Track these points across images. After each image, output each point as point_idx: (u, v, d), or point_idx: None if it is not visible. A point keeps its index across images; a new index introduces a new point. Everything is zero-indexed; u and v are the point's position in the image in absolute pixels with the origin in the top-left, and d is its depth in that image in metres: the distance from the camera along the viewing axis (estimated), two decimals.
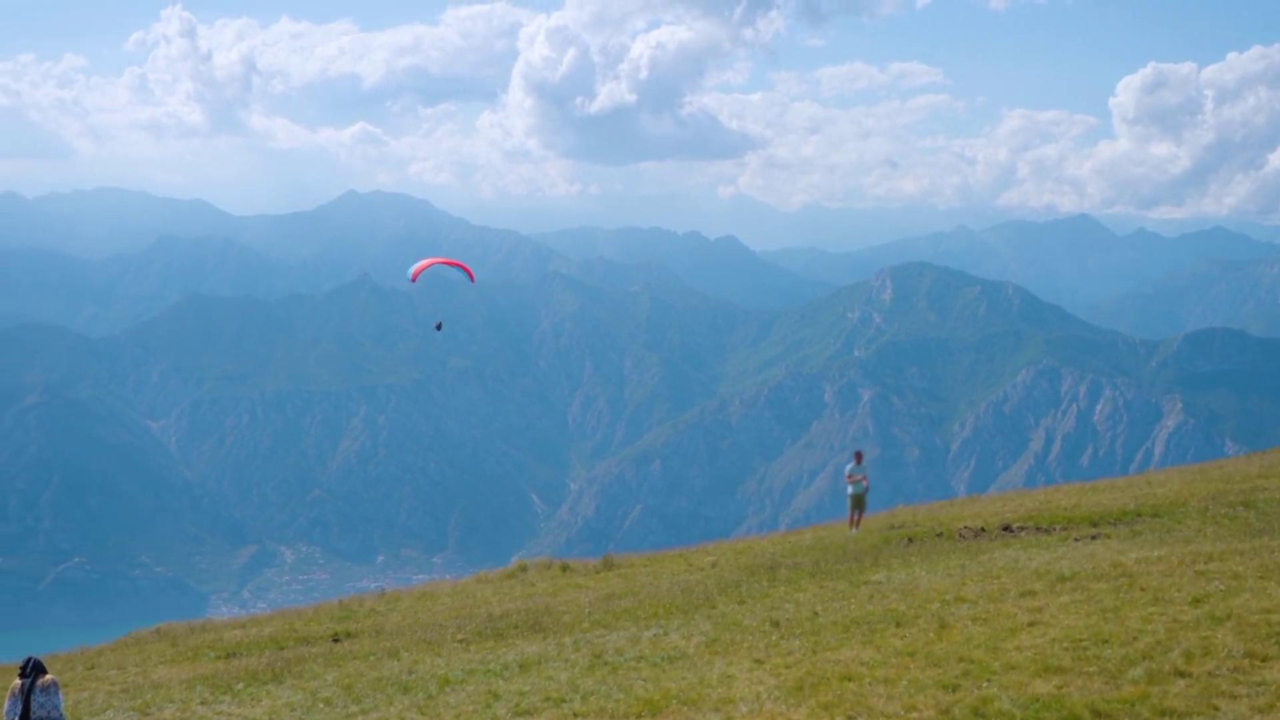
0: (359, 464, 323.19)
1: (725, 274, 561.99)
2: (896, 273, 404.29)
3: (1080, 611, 20.24)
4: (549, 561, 38.34)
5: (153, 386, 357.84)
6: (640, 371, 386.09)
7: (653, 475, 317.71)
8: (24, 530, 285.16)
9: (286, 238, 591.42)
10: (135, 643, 32.14)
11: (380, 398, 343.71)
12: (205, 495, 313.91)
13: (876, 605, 23.02)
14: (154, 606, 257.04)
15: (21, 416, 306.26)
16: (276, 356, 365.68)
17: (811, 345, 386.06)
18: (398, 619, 30.51)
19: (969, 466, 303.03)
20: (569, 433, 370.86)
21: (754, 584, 28.02)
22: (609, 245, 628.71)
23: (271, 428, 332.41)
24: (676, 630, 22.92)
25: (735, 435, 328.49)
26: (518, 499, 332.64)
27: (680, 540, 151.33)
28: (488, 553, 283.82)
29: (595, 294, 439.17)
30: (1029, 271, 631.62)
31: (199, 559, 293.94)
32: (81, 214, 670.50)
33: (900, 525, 37.74)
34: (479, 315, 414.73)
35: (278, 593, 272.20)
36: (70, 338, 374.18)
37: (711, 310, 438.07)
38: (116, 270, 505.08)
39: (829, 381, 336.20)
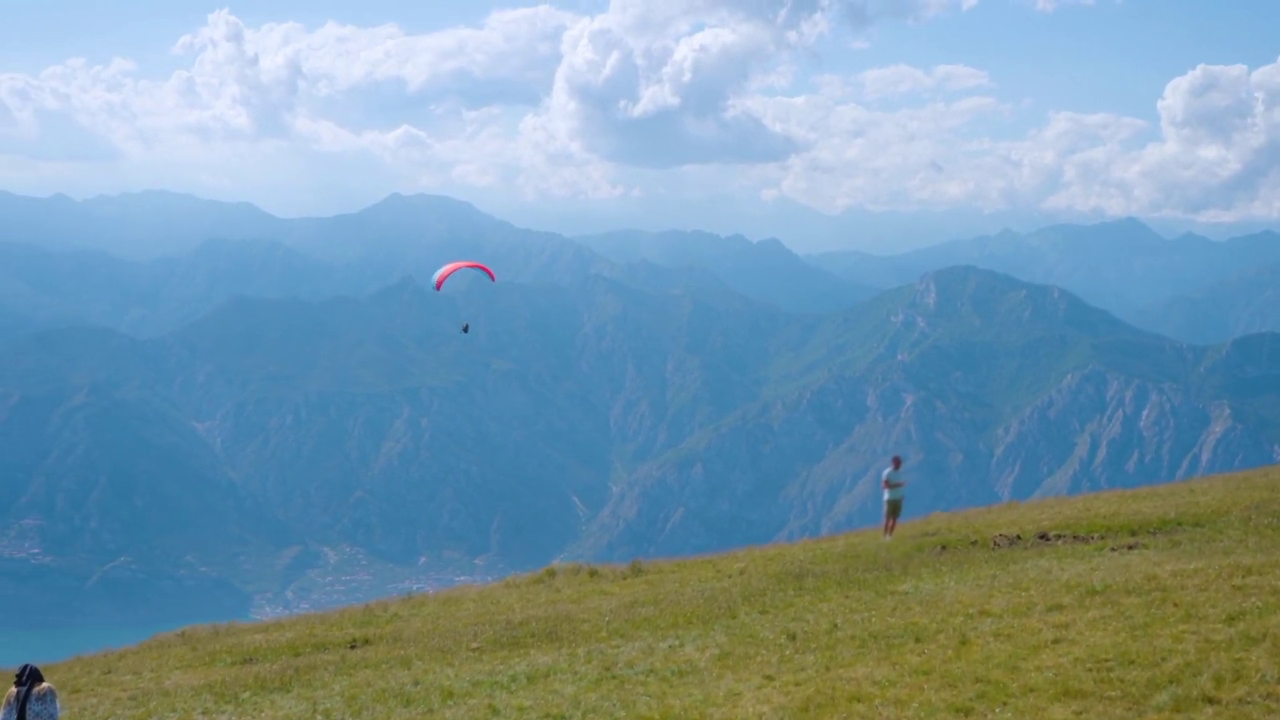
0: (401, 465, 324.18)
1: (768, 277, 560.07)
2: (941, 276, 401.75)
3: (1108, 628, 19.54)
4: (578, 566, 37.97)
5: (198, 388, 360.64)
6: (682, 375, 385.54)
7: (694, 478, 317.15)
8: (71, 529, 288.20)
9: (331, 240, 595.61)
10: (157, 646, 32.05)
11: (423, 400, 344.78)
12: (249, 496, 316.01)
13: (898, 618, 22.48)
14: (198, 606, 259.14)
15: (69, 417, 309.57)
16: (320, 358, 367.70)
17: (854, 349, 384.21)
18: (419, 625, 30.30)
19: (1013, 472, 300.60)
20: (611, 435, 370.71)
21: (779, 593, 27.59)
22: (652, 248, 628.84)
23: (315, 429, 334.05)
24: (693, 642, 22.55)
25: (777, 439, 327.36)
26: (559, 501, 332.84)
27: (722, 544, 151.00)
28: (529, 555, 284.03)
29: (638, 297, 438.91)
30: (1075, 275, 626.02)
31: (243, 559, 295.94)
32: (129, 216, 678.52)
33: (934, 532, 37.19)
34: (522, 318, 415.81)
35: (320, 593, 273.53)
36: (117, 339, 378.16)
37: (754, 313, 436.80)
38: (163, 272, 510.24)
39: (872, 385, 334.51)
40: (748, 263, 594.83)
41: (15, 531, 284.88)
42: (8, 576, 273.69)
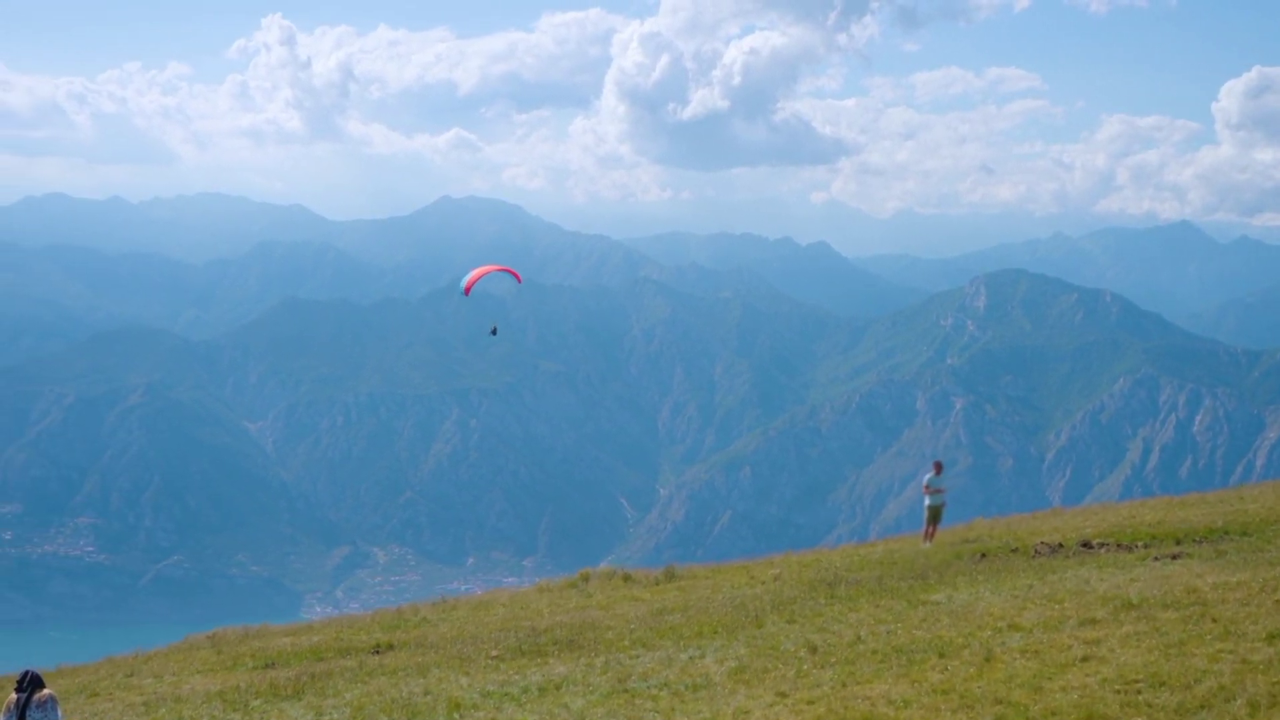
0: (450, 467, 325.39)
1: (817, 280, 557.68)
2: (991, 280, 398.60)
3: (1141, 645, 18.93)
4: (611, 571, 37.79)
5: (251, 388, 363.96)
6: (731, 378, 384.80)
7: (743, 481, 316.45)
8: (125, 528, 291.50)
9: (382, 243, 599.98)
10: (187, 648, 32.08)
11: (472, 401, 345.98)
12: (300, 496, 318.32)
13: (925, 631, 22.00)
14: (250, 605, 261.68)
15: (124, 416, 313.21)
16: (371, 360, 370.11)
17: (903, 352, 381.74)
18: (445, 630, 30.16)
19: (1064, 477, 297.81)
20: (659, 438, 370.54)
21: (809, 601, 27.24)
22: (700, 251, 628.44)
23: (365, 430, 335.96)
24: (714, 653, 22.21)
25: (826, 442, 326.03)
26: (607, 504, 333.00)
27: (769, 548, 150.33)
28: (577, 557, 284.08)
29: (686, 300, 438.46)
30: (1128, 279, 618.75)
31: (294, 559, 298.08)
32: (184, 219, 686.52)
33: (975, 539, 36.64)
34: (570, 320, 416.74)
35: (370, 593, 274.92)
36: (171, 339, 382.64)
37: (802, 317, 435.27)
38: (217, 274, 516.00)
39: (921, 389, 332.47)
40: (796, 266, 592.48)
41: (71, 529, 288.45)
42: (63, 574, 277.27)
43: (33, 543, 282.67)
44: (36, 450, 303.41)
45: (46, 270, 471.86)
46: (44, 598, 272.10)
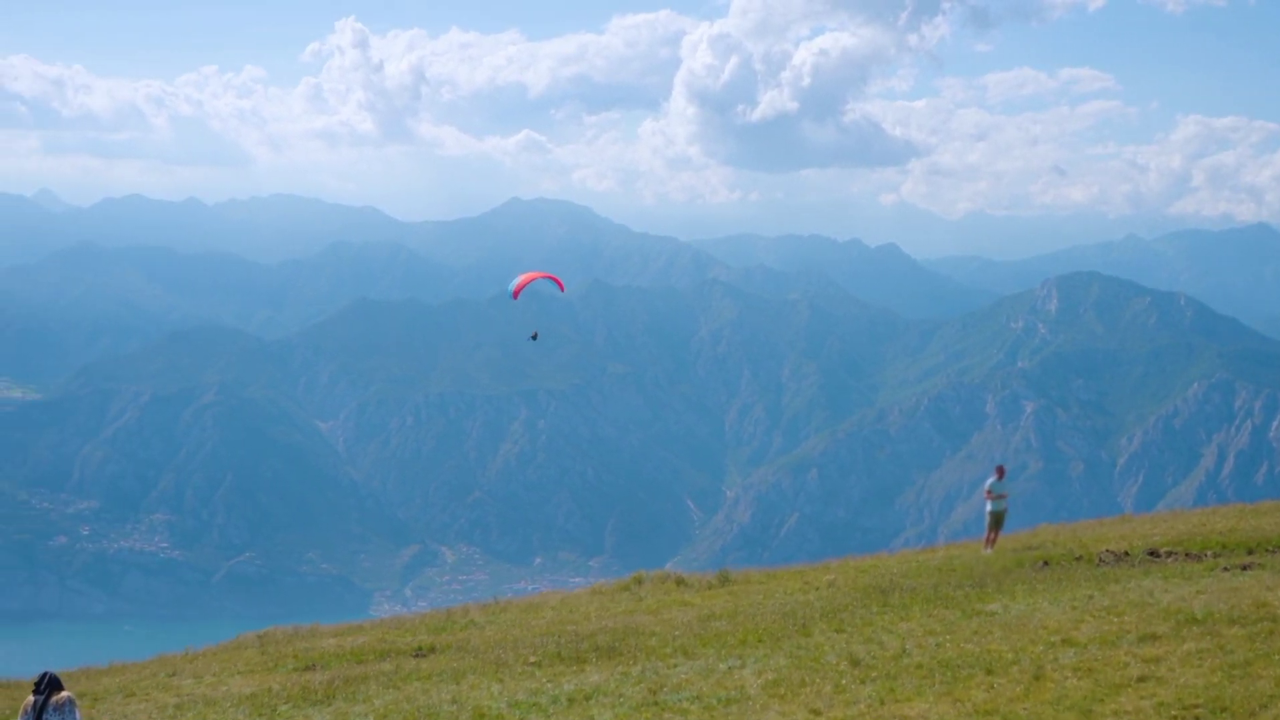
0: (518, 467, 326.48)
1: (886, 282, 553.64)
2: (1063, 282, 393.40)
3: (1203, 665, 17.96)
4: (665, 574, 37.32)
5: (322, 388, 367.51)
6: (798, 380, 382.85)
7: (810, 484, 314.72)
8: (199, 525, 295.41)
9: (452, 244, 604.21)
10: (235, 647, 32.11)
11: (540, 402, 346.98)
12: (370, 495, 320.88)
13: (975, 644, 21.20)
14: (320, 603, 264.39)
15: (199, 415, 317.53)
16: (440, 360, 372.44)
17: (973, 355, 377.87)
18: (491, 633, 29.94)
19: (1136, 482, 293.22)
20: (726, 440, 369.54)
21: (860, 609, 26.65)
22: (769, 253, 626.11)
23: (434, 430, 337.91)
24: (754, 663, 21.66)
25: (894, 445, 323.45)
26: (674, 505, 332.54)
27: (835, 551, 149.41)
28: (644, 558, 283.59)
29: (754, 301, 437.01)
30: (1203, 282, 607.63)
31: (363, 557, 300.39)
32: (258, 220, 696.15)
33: (1038, 546, 35.89)
34: (638, 322, 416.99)
35: (438, 592, 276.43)
36: (245, 339, 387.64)
37: (871, 319, 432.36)
38: (290, 274, 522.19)
39: (991, 392, 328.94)
40: (865, 267, 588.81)
41: (146, 526, 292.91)
42: (138, 569, 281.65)
43: (109, 538, 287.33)
44: (113, 447, 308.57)
45: (124, 271, 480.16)
46: (120, 593, 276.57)
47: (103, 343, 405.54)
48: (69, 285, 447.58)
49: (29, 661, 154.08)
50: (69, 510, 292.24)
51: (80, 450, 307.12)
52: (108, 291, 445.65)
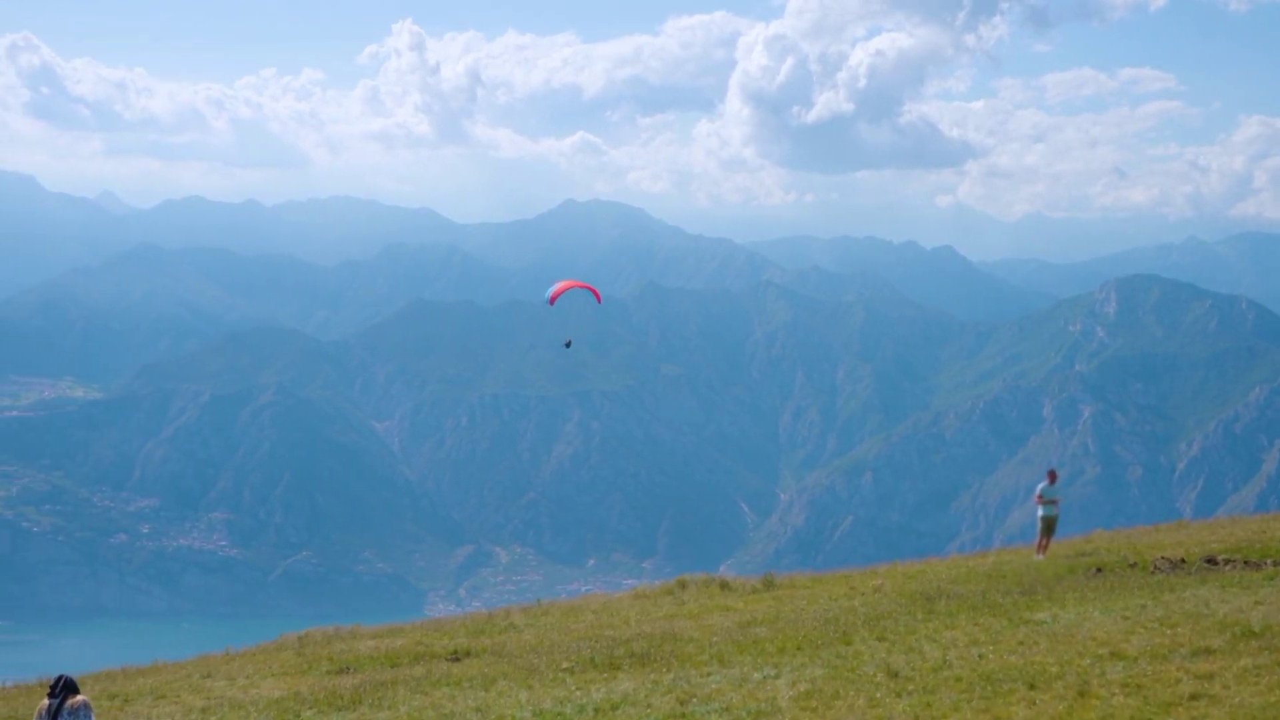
0: (572, 468, 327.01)
1: (942, 284, 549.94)
2: (1122, 285, 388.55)
3: (1260, 683, 17.01)
4: (709, 578, 36.96)
5: (378, 388, 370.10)
6: (853, 382, 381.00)
7: (864, 487, 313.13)
8: (257, 524, 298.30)
9: (507, 245, 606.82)
10: (274, 649, 32.11)
11: (594, 403, 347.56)
12: (425, 495, 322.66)
13: (1019, 656, 20.49)
14: (375, 602, 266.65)
15: (257, 414, 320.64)
16: (495, 361, 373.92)
17: (1030, 359, 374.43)
18: (529, 637, 29.69)
19: (1196, 488, 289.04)
20: (780, 442, 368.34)
21: (905, 617, 26.14)
22: (823, 254, 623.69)
23: (489, 430, 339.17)
24: (789, 673, 21.07)
25: (949, 449, 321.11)
26: (727, 507, 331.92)
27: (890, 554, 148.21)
28: (697, 560, 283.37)
29: (809, 303, 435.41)
30: (1266, 286, 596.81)
31: (418, 557, 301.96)
32: (316, 221, 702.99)
33: (1092, 552, 35.34)
34: (692, 323, 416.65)
35: (492, 592, 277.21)
36: (303, 340, 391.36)
37: (926, 321, 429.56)
38: (347, 276, 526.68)
39: (1048, 396, 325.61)
40: (921, 269, 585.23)
41: (205, 524, 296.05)
42: (197, 567, 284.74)
43: (169, 536, 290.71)
44: (173, 446, 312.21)
45: (185, 272, 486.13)
46: (179, 590, 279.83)
47: (163, 343, 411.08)
48: (130, 286, 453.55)
49: (89, 658, 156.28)
50: (130, 508, 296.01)
51: (141, 449, 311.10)
52: (168, 292, 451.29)
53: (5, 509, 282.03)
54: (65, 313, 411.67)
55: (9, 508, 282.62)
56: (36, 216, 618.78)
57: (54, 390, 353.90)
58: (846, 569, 39.62)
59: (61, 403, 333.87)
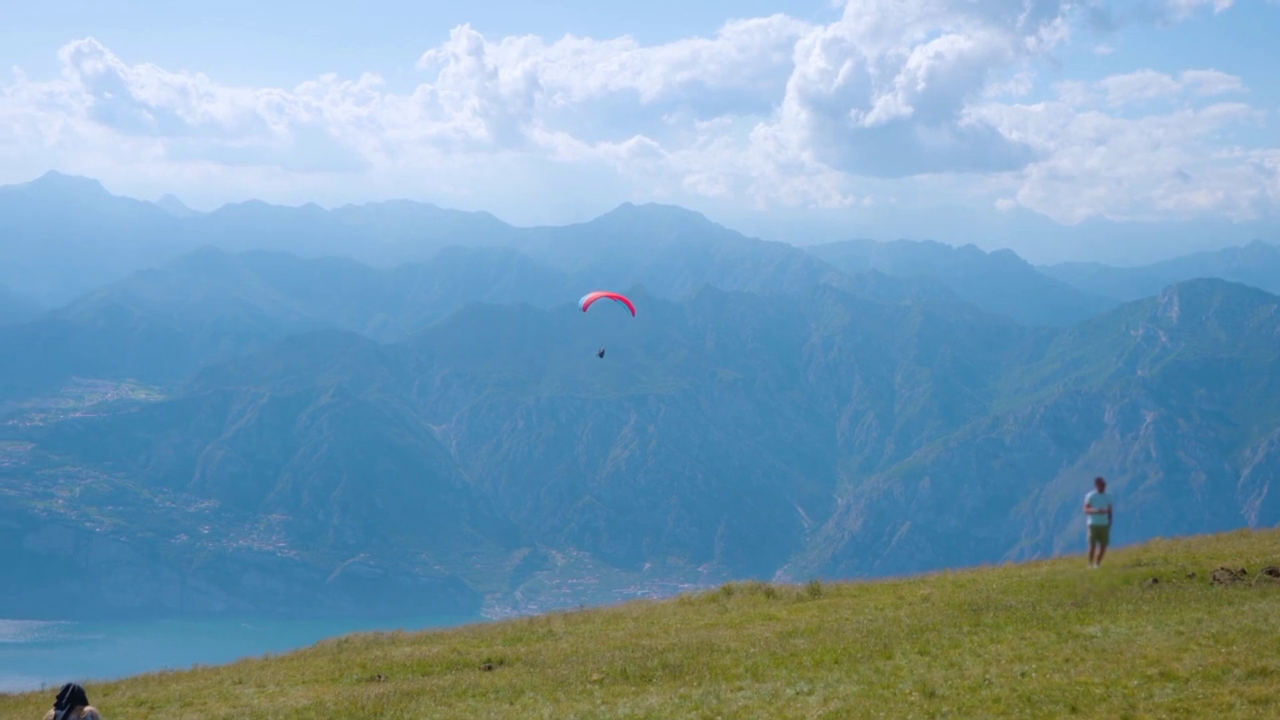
0: (628, 472, 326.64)
1: (1001, 288, 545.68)
2: (1185, 289, 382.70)
3: None
4: (755, 585, 36.40)
5: (435, 391, 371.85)
6: (911, 387, 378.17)
7: (922, 493, 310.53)
8: (315, 525, 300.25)
9: (564, 249, 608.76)
10: (312, 654, 31.91)
11: (650, 407, 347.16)
12: (482, 498, 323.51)
13: (1064, 674, 19.59)
14: (432, 604, 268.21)
15: (316, 417, 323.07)
16: (552, 364, 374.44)
17: (1091, 363, 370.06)
18: (565, 646, 29.19)
19: (1260, 495, 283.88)
20: (837, 447, 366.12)
21: (950, 629, 25.29)
22: (881, 258, 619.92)
23: (545, 434, 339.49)
24: (822, 689, 20.39)
25: (1009, 454, 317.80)
26: (784, 512, 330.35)
27: (948, 561, 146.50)
28: (753, 564, 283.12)
29: (866, 307, 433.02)
30: None
31: (475, 559, 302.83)
32: (374, 225, 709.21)
33: (1149, 562, 34.34)
34: (749, 327, 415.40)
35: (548, 595, 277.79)
36: (361, 343, 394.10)
37: (986, 325, 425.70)
38: (405, 279, 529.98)
39: (1109, 401, 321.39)
40: (980, 273, 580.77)
41: (264, 526, 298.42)
42: (256, 568, 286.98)
43: (228, 537, 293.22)
44: (233, 448, 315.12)
45: (245, 275, 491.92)
46: (238, 591, 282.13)
47: (223, 345, 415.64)
48: (191, 289, 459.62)
49: (148, 657, 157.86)
50: (190, 509, 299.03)
51: (201, 450, 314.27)
52: (228, 295, 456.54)
53: (69, 509, 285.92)
54: (128, 315, 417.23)
55: (73, 508, 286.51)
56: (100, 220, 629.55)
57: (117, 392, 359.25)
58: (895, 577, 38.79)
59: (124, 404, 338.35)
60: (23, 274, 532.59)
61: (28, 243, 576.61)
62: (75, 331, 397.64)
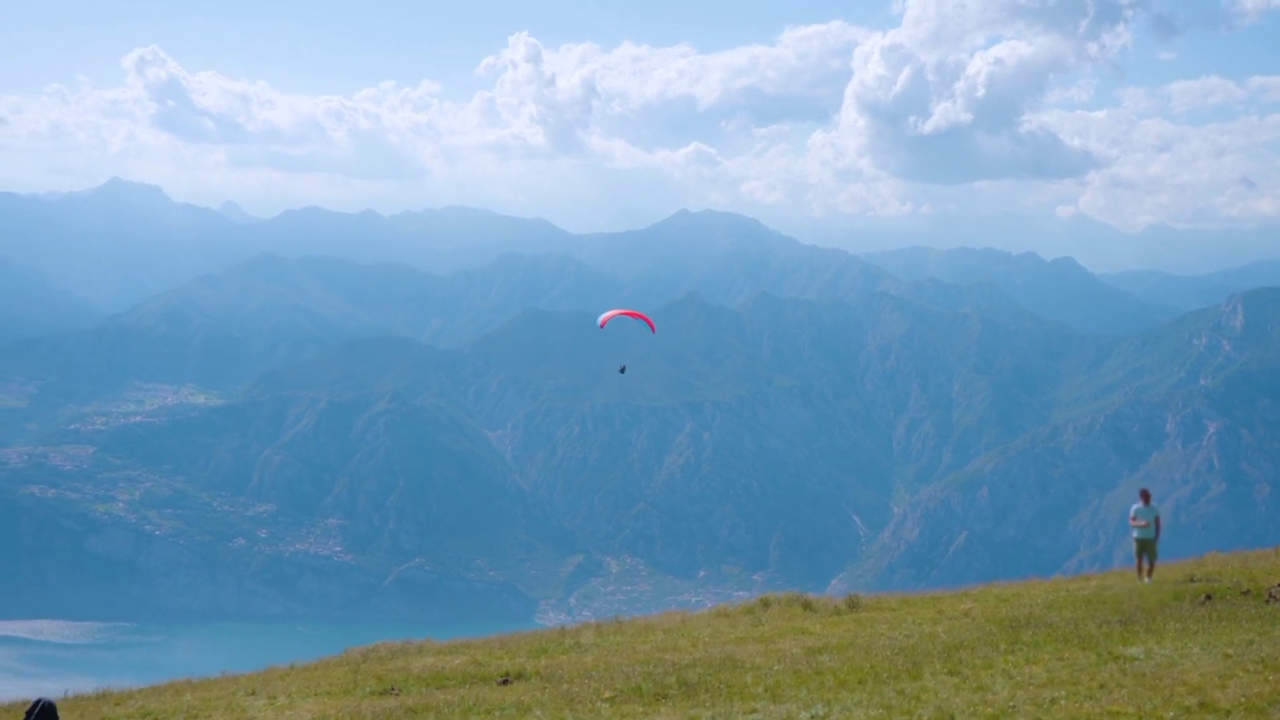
0: (683, 479, 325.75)
1: (1061, 297, 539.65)
2: (1249, 298, 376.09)
3: None
4: (793, 597, 35.57)
5: (491, 397, 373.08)
6: (969, 395, 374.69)
7: (979, 502, 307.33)
8: (371, 530, 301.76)
9: (620, 255, 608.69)
10: (335, 664, 31.41)
11: (706, 414, 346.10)
12: (536, 504, 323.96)
13: (1096, 703, 18.46)
14: (486, 609, 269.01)
15: (373, 422, 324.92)
16: (607, 371, 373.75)
17: (1153, 373, 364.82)
18: (589, 659, 28.47)
19: None
20: (893, 455, 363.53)
21: (985, 648, 24.26)
22: (940, 266, 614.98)
23: (600, 440, 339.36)
24: (838, 712, 19.45)
25: (1068, 464, 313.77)
26: (840, 520, 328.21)
27: (1006, 571, 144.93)
28: (808, 573, 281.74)
29: (924, 315, 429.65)
30: None
31: (529, 565, 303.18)
32: (432, 231, 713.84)
33: (1202, 578, 33.24)
34: (805, 335, 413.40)
35: (602, 602, 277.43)
36: (418, 348, 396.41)
37: (1045, 334, 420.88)
38: (462, 285, 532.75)
39: (1171, 411, 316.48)
40: (1040, 281, 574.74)
41: (321, 530, 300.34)
42: (313, 572, 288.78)
43: (285, 541, 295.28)
44: (291, 452, 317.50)
45: (304, 281, 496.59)
46: (295, 594, 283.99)
47: (282, 350, 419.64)
48: (251, 294, 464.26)
49: (205, 660, 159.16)
50: (248, 513, 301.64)
51: (259, 455, 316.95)
52: (287, 301, 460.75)
53: (129, 512, 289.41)
54: (188, 321, 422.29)
55: (133, 511, 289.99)
56: (162, 227, 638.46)
57: (176, 397, 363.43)
58: (938, 590, 37.84)
59: (184, 409, 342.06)
60: (86, 279, 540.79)
61: (91, 248, 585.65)
62: (136, 336, 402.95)
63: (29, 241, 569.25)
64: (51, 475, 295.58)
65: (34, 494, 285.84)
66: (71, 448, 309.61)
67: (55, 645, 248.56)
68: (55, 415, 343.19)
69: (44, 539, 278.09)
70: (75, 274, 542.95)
